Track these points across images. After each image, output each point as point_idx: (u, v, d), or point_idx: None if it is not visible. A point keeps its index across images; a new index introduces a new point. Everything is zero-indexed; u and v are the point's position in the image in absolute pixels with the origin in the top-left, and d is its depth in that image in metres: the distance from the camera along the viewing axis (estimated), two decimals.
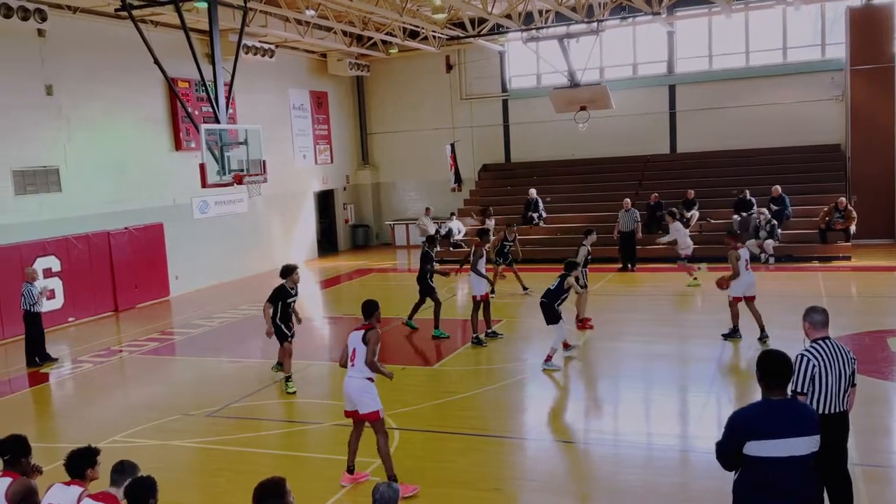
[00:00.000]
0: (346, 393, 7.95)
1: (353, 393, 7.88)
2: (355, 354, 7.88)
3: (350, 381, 7.90)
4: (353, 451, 8.09)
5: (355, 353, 7.89)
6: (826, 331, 6.03)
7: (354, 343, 7.92)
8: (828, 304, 15.41)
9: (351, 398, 7.91)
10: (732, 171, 24.07)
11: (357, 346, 7.88)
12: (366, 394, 7.84)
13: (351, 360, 7.92)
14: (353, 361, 7.89)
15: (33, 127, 17.08)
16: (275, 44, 23.00)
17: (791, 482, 4.67)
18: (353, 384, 7.88)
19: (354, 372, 7.87)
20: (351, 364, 7.91)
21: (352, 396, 7.90)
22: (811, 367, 5.84)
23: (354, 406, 7.90)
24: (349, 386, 7.90)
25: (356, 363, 7.87)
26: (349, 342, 8.00)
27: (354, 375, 7.87)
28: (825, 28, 24.19)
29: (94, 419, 11.09)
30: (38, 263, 16.73)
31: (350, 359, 7.93)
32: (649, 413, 10.56)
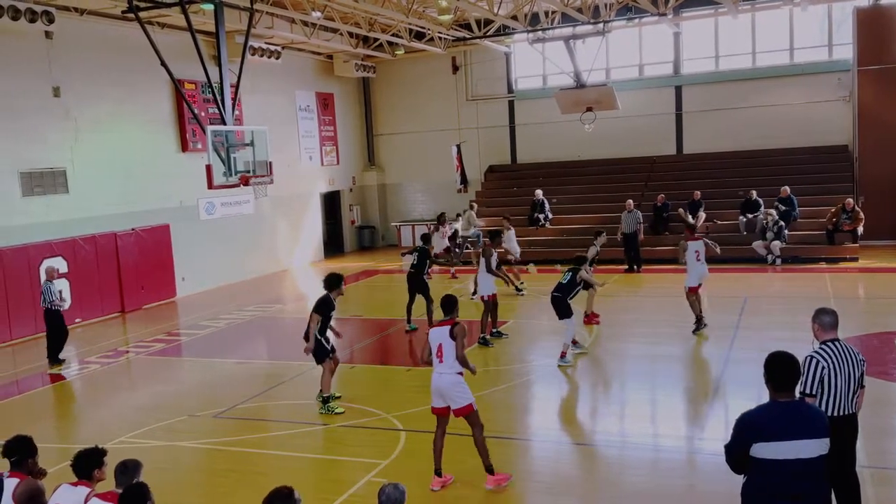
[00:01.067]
0: (438, 389, 7.84)
1: (445, 389, 7.80)
2: (442, 350, 7.78)
3: (441, 378, 7.80)
4: (439, 452, 7.95)
5: (442, 348, 7.78)
6: (835, 332, 5.99)
7: (440, 339, 7.82)
8: (835, 305, 15.29)
9: (443, 394, 7.83)
10: (739, 173, 23.99)
11: (443, 341, 7.78)
12: (458, 389, 7.79)
13: (437, 357, 7.82)
14: (441, 357, 7.79)
15: (41, 128, 17.14)
16: (281, 45, 23.04)
17: (799, 485, 4.64)
18: (444, 380, 7.79)
19: (444, 368, 7.78)
20: (438, 360, 7.81)
21: (444, 392, 7.82)
22: (820, 369, 5.80)
23: (446, 402, 7.83)
24: (440, 382, 7.81)
25: (444, 359, 7.77)
26: (432, 339, 7.91)
27: (445, 371, 7.78)
28: (832, 28, 24.12)
29: (101, 420, 11.11)
30: (45, 265, 16.77)
31: (436, 355, 7.83)
32: (656, 414, 10.54)
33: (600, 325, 14.65)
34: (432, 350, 7.88)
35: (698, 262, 13.60)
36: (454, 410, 7.84)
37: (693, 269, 13.61)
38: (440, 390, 7.83)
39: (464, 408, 7.79)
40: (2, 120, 16.30)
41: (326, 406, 10.55)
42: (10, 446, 5.77)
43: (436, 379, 7.84)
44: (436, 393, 7.89)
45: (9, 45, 16.30)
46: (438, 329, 7.95)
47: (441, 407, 7.89)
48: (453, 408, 7.82)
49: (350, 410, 10.60)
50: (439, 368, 7.81)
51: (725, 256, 21.15)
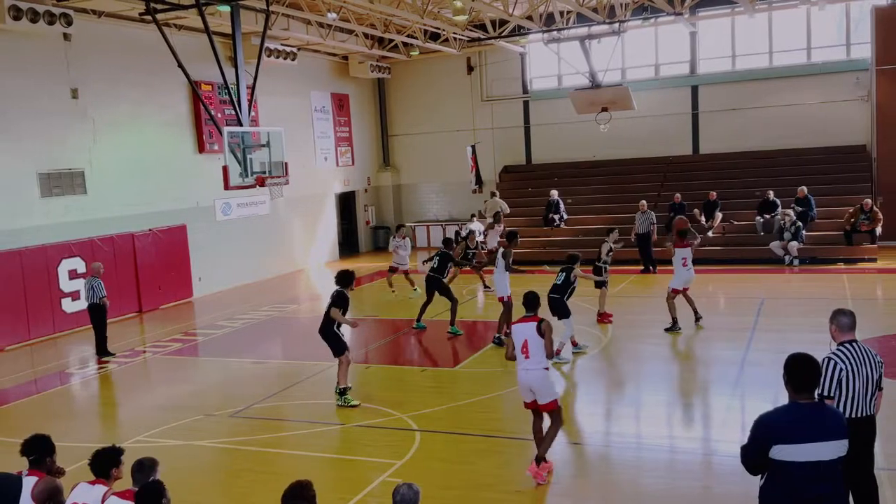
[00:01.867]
0: (526, 384, 7.94)
1: (534, 384, 7.89)
2: (528, 346, 7.86)
3: (529, 374, 7.89)
4: (539, 441, 8.08)
5: (527, 344, 7.86)
6: (853, 334, 5.94)
7: (525, 335, 7.90)
8: (853, 306, 15.19)
9: (532, 389, 7.93)
10: (756, 173, 23.85)
11: (529, 337, 7.87)
12: (546, 383, 7.93)
13: (523, 352, 7.88)
14: (527, 353, 7.85)
15: (59, 130, 17.29)
16: (297, 46, 23.13)
17: (817, 487, 4.61)
18: (533, 376, 7.89)
19: (531, 364, 7.87)
20: (525, 356, 7.87)
21: (533, 387, 7.91)
22: (838, 371, 5.75)
23: (534, 396, 7.95)
24: (529, 378, 7.90)
25: (531, 355, 7.85)
26: (516, 335, 7.98)
27: (532, 367, 7.87)
28: (850, 27, 23.93)
29: (119, 419, 11.20)
30: (64, 265, 16.95)
31: (521, 350, 7.89)
32: (671, 416, 10.49)
33: (615, 326, 14.61)
34: (517, 346, 7.93)
35: (684, 267, 14.02)
36: (540, 405, 7.96)
37: (679, 273, 14.05)
38: (529, 385, 7.93)
39: (550, 403, 7.93)
40: (21, 121, 16.45)
41: (343, 398, 10.78)
42: (28, 445, 5.80)
43: (522, 375, 7.93)
44: (524, 388, 8.00)
45: (28, 47, 16.45)
46: (523, 325, 8.00)
47: (532, 400, 8.01)
48: (540, 402, 7.94)
49: (365, 410, 10.63)
50: (525, 364, 7.89)
51: (742, 257, 21.19)
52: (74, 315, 17.20)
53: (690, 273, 14.11)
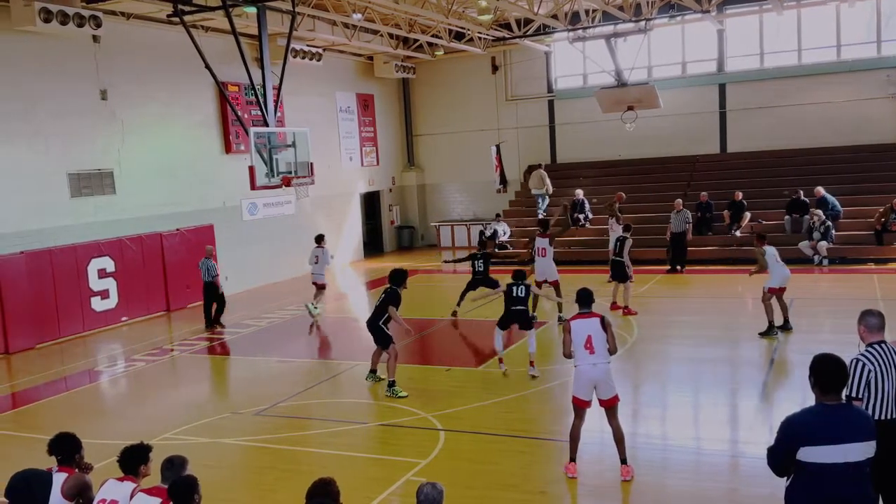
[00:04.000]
0: (593, 379, 7.89)
1: (600, 378, 7.88)
2: (592, 342, 7.84)
3: (596, 368, 7.86)
4: (577, 441, 8.09)
5: (591, 340, 7.84)
6: (882, 334, 5.84)
7: (589, 330, 7.88)
8: (883, 307, 14.98)
9: (598, 384, 7.90)
10: (784, 172, 23.59)
11: (593, 332, 7.86)
12: (611, 378, 7.96)
13: (587, 349, 7.86)
14: (592, 349, 7.84)
15: (88, 131, 17.52)
16: (322, 47, 23.23)
17: (845, 489, 4.56)
18: (600, 370, 7.86)
19: (597, 359, 7.85)
20: (588, 352, 7.85)
21: (599, 382, 7.89)
22: (867, 372, 5.65)
23: (594, 393, 7.92)
24: (596, 373, 7.86)
25: (597, 350, 7.84)
26: (577, 331, 7.92)
27: (599, 362, 7.86)
28: (881, 24, 23.58)
29: (146, 417, 11.31)
30: (93, 264, 17.17)
31: (584, 347, 7.86)
32: (698, 417, 10.41)
33: (641, 327, 14.52)
34: (579, 342, 7.88)
35: (778, 263, 13.39)
36: (604, 400, 7.94)
37: (775, 270, 13.36)
38: (595, 380, 7.88)
39: (613, 398, 7.95)
40: (51, 122, 16.69)
41: (392, 390, 11.11)
42: (54, 444, 5.87)
43: (589, 370, 7.87)
44: (589, 384, 7.91)
45: (58, 49, 16.69)
46: (584, 321, 7.96)
47: (588, 400, 7.96)
48: (605, 397, 7.92)
49: (390, 409, 10.67)
50: (591, 360, 7.84)
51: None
52: (104, 314, 17.42)
53: (786, 270, 13.47)
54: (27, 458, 7.12)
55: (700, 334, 14.23)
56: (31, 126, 16.34)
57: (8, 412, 11.91)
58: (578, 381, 7.99)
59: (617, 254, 15.93)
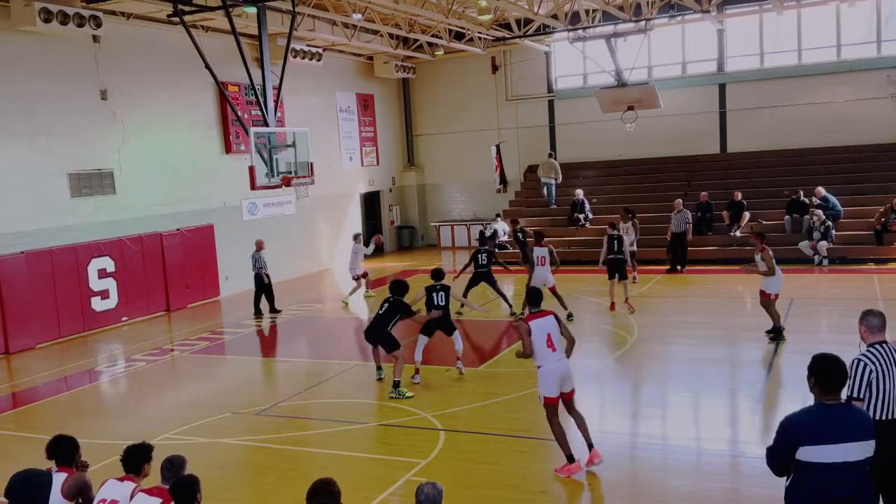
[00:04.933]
0: (562, 374, 8.15)
1: (567, 372, 8.19)
2: (552, 339, 8.10)
3: (562, 363, 8.15)
4: (565, 437, 8.24)
5: (551, 337, 8.10)
6: (883, 334, 5.83)
7: (548, 329, 8.12)
8: (884, 307, 14.98)
9: (566, 379, 8.18)
10: (784, 172, 23.59)
11: (552, 329, 8.13)
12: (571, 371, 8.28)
13: (550, 347, 8.10)
14: (553, 346, 8.10)
15: (88, 131, 17.52)
16: (322, 47, 23.23)
17: (845, 489, 4.56)
18: (565, 365, 8.18)
19: (560, 354, 8.17)
20: (551, 350, 8.10)
21: (568, 377, 8.20)
22: (868, 372, 5.64)
23: (562, 387, 8.16)
24: (564, 367, 8.16)
25: (557, 346, 8.13)
26: (538, 331, 8.09)
27: (563, 357, 8.19)
28: (881, 23, 23.58)
29: (146, 417, 11.31)
30: (93, 264, 17.17)
31: (547, 346, 8.09)
32: (698, 417, 10.41)
33: (642, 327, 14.52)
34: (541, 342, 8.07)
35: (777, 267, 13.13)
36: (567, 393, 8.22)
37: (778, 274, 13.11)
38: (565, 375, 8.16)
39: (573, 390, 8.28)
40: (51, 122, 16.69)
41: (397, 391, 11.15)
42: (53, 448, 5.84)
43: (558, 366, 8.13)
44: (559, 380, 8.13)
45: (58, 49, 16.68)
46: (542, 320, 8.16)
47: (557, 396, 8.17)
48: (568, 390, 8.22)
49: (390, 409, 10.67)
50: (556, 356, 8.12)
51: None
52: (104, 314, 17.43)
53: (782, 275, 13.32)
54: (27, 457, 7.13)
55: (700, 334, 14.23)
56: (31, 126, 16.34)
57: (8, 412, 11.91)
58: (547, 381, 8.17)
59: (616, 252, 15.93)
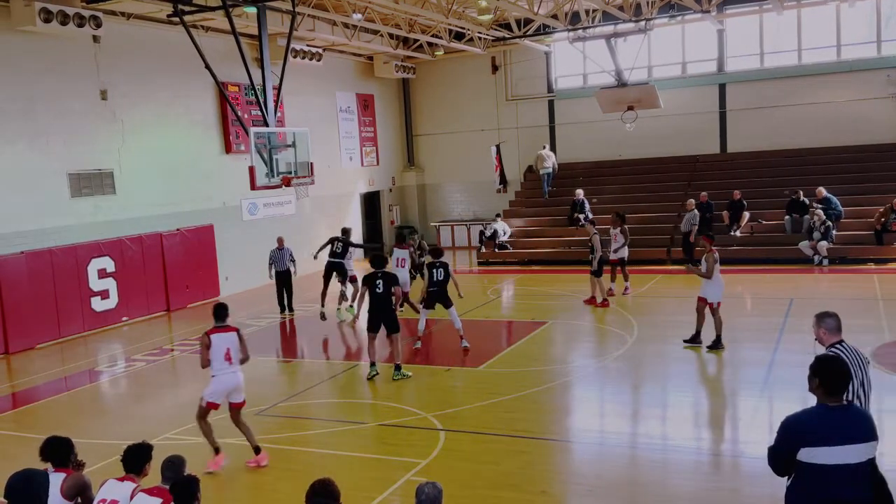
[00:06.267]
0: (231, 387, 8.83)
1: (237, 385, 8.88)
2: (230, 353, 8.76)
3: (236, 376, 8.84)
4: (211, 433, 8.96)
5: (230, 352, 8.76)
6: (840, 335, 5.92)
7: (228, 343, 8.76)
8: (884, 307, 15.02)
9: (235, 391, 8.89)
10: (784, 171, 23.59)
11: (231, 346, 8.77)
12: (243, 385, 8.98)
13: (227, 359, 8.76)
14: (231, 360, 8.78)
15: (88, 131, 17.51)
16: (322, 47, 23.23)
17: (846, 491, 4.54)
18: (239, 378, 8.88)
19: (236, 367, 8.84)
20: (228, 363, 8.77)
21: (237, 389, 8.90)
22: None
23: (229, 398, 8.91)
24: (236, 380, 8.85)
25: (234, 360, 8.80)
26: (218, 344, 8.73)
27: (238, 370, 8.87)
28: (881, 24, 23.58)
29: (146, 417, 11.31)
30: (93, 264, 17.17)
31: (225, 359, 8.75)
32: (698, 417, 10.40)
33: (642, 327, 14.52)
34: (219, 354, 8.72)
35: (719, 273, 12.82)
36: (236, 403, 8.96)
37: (718, 280, 12.76)
38: (234, 387, 8.86)
39: (242, 402, 9.02)
40: (51, 122, 16.69)
41: (400, 372, 11.87)
42: (46, 450, 5.80)
43: (231, 378, 8.81)
44: (227, 390, 8.84)
45: (58, 49, 16.68)
46: (224, 335, 8.80)
47: (219, 403, 8.89)
48: (237, 401, 8.95)
49: (390, 409, 10.67)
50: (230, 369, 8.79)
51: (770, 257, 20.95)
52: (104, 314, 17.43)
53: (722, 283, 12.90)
54: (27, 457, 7.11)
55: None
56: (31, 126, 16.33)
57: (8, 412, 11.91)
58: (216, 389, 8.80)
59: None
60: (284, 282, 17.98)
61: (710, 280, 12.66)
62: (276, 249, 17.84)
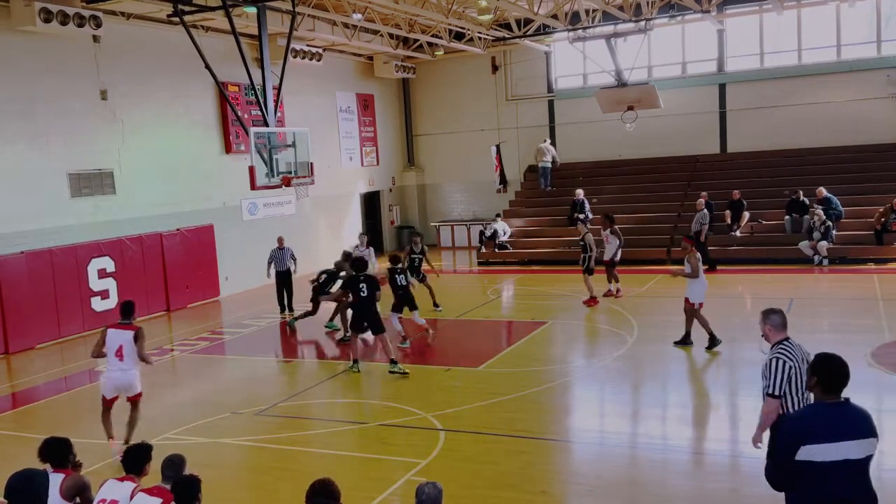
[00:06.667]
0: (119, 384, 9.18)
1: (127, 383, 9.20)
2: (122, 351, 9.07)
3: (124, 374, 9.14)
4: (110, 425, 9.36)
5: (122, 349, 9.06)
6: (785, 332, 6.09)
7: (121, 340, 9.08)
8: (884, 307, 15.03)
9: (123, 388, 9.23)
10: (784, 172, 23.59)
11: (125, 343, 9.07)
12: (136, 381, 9.29)
13: (118, 356, 9.10)
14: (122, 357, 9.10)
15: (88, 131, 17.51)
16: (322, 47, 23.23)
17: (846, 489, 4.53)
18: (128, 376, 9.17)
19: (125, 366, 9.12)
20: (118, 360, 9.10)
21: (125, 386, 9.22)
22: (788, 369, 5.91)
23: (120, 392, 9.26)
24: (122, 379, 9.14)
25: (126, 358, 9.10)
26: (111, 340, 9.10)
27: (127, 368, 9.14)
28: (881, 24, 23.58)
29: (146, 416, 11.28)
30: (93, 264, 17.17)
31: (116, 354, 9.09)
32: (698, 417, 10.40)
33: (642, 328, 14.53)
34: (111, 350, 9.06)
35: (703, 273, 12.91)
36: (132, 396, 9.31)
37: (702, 281, 12.81)
38: (122, 384, 9.17)
39: (138, 394, 9.34)
40: (51, 122, 16.68)
41: (397, 366, 12.18)
42: (45, 451, 5.79)
43: (118, 376, 9.13)
44: (112, 387, 9.19)
45: (58, 49, 16.67)
46: (120, 332, 9.13)
47: (114, 397, 9.27)
48: (131, 394, 9.29)
49: (390, 410, 10.67)
50: (120, 366, 9.11)
51: (770, 257, 20.95)
52: (104, 314, 17.40)
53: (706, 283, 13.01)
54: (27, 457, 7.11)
55: (700, 334, 14.19)
56: (31, 126, 16.33)
57: (8, 412, 11.91)
58: (103, 384, 9.27)
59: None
60: (285, 282, 17.95)
61: (696, 280, 12.71)
62: (277, 249, 17.84)
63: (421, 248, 17.20)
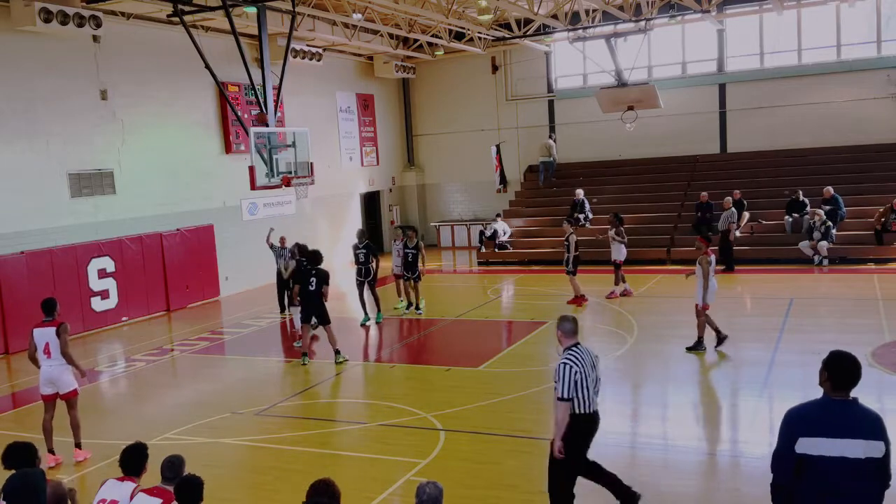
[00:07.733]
0: (50, 379, 9.31)
1: (57, 377, 9.30)
2: (49, 347, 9.21)
3: (52, 370, 9.28)
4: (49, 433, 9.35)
5: (49, 346, 9.20)
6: (576, 338, 6.65)
7: (47, 337, 9.22)
8: (884, 307, 15.02)
9: (54, 382, 9.32)
10: (784, 171, 23.60)
11: (50, 339, 9.21)
12: (66, 377, 9.36)
13: (46, 353, 9.25)
14: (49, 353, 9.24)
15: (88, 131, 17.51)
16: (322, 47, 23.23)
17: (843, 485, 4.51)
18: (57, 371, 9.29)
19: (54, 361, 9.26)
20: (46, 356, 9.26)
21: (56, 380, 9.31)
22: (574, 373, 6.48)
23: (55, 389, 9.36)
24: (53, 373, 9.30)
25: (53, 354, 9.23)
26: (38, 337, 9.25)
27: (55, 364, 9.27)
28: (881, 24, 23.58)
29: (146, 417, 11.31)
30: (93, 264, 17.17)
31: (44, 352, 9.25)
32: (699, 417, 10.39)
33: (642, 328, 14.52)
34: (39, 346, 9.25)
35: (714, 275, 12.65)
36: (65, 394, 9.36)
37: (713, 284, 12.53)
38: (52, 379, 9.31)
39: (72, 392, 9.40)
40: (51, 122, 16.69)
41: (341, 355, 13.13)
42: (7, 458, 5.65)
43: (47, 371, 9.30)
44: (47, 381, 9.33)
45: (58, 49, 16.68)
46: (44, 329, 9.26)
47: (51, 394, 9.38)
48: (65, 391, 9.35)
49: (390, 410, 10.66)
50: (48, 362, 9.28)
51: (771, 257, 20.95)
52: (104, 314, 17.43)
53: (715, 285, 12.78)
54: None
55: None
56: (31, 126, 16.33)
57: (8, 412, 11.91)
58: (40, 380, 9.40)
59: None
60: (285, 281, 17.92)
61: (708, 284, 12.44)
62: (279, 248, 17.82)
63: (416, 244, 16.98)
